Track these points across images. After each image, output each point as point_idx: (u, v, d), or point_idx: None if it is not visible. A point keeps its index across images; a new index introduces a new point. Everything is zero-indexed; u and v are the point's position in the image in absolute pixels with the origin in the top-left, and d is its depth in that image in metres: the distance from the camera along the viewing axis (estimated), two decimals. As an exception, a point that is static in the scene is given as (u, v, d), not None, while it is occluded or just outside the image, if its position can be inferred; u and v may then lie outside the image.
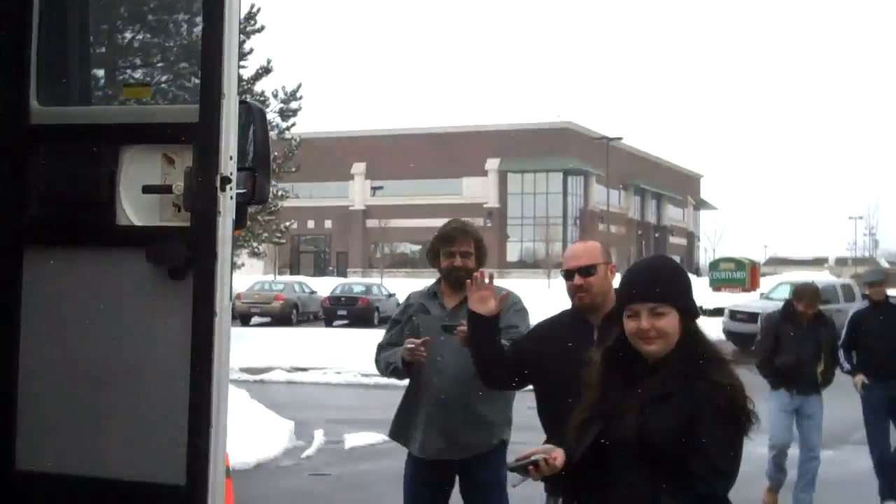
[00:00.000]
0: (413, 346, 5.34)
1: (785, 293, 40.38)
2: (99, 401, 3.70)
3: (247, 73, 30.18)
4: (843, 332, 9.86)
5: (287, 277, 54.19)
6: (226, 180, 3.60)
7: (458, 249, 5.64)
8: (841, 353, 9.70)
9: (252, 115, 3.96)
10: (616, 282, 4.14)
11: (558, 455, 3.54)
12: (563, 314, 4.77)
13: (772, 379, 9.34)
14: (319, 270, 78.27)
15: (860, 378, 9.68)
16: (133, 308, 3.70)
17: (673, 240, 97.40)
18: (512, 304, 5.46)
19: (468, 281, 4.71)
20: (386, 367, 5.64)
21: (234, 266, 4.04)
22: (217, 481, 3.58)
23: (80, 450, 3.70)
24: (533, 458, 3.56)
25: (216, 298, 3.59)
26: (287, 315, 39.17)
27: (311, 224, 78.71)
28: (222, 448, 3.62)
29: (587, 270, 4.59)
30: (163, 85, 5.03)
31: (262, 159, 4.05)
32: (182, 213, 3.67)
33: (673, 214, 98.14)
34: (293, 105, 33.36)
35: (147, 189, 3.71)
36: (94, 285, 3.75)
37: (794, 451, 9.47)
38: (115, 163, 3.76)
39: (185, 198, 3.63)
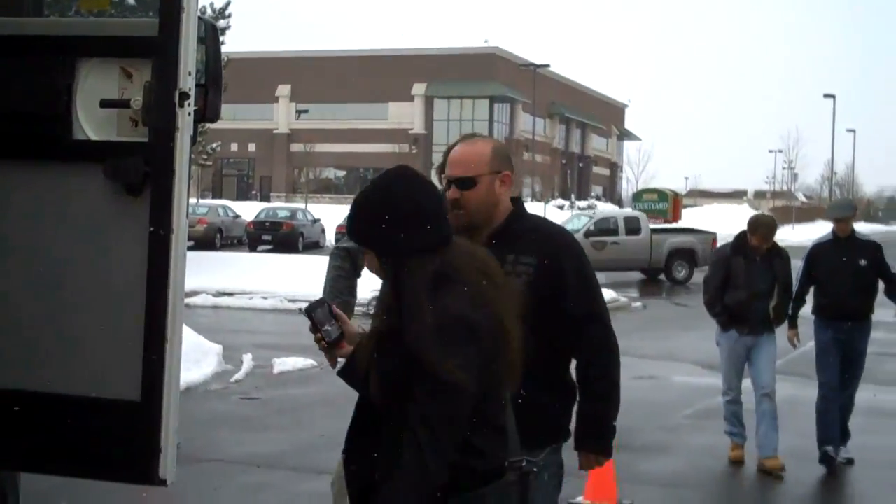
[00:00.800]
0: None
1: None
2: (54, 317, 3.67)
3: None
4: (801, 266, 9.25)
5: (210, 201, 53.67)
6: (184, 96, 3.58)
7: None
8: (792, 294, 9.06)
9: (205, 31, 3.93)
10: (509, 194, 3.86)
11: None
12: None
13: (721, 318, 8.89)
14: (242, 194, 77.60)
15: (794, 335, 9.18)
16: (89, 223, 3.67)
17: (596, 169, 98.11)
18: None
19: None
20: None
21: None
22: (172, 396, 3.60)
23: (35, 366, 3.68)
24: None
25: (173, 215, 3.59)
26: (211, 239, 38.85)
27: (234, 147, 77.88)
28: (177, 364, 3.63)
29: (465, 182, 3.77)
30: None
31: (214, 77, 4.03)
32: (140, 128, 3.64)
33: (597, 144, 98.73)
34: (221, 23, 32.88)
35: (105, 103, 3.66)
36: (50, 200, 3.70)
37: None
38: (72, 76, 3.70)
39: (143, 113, 3.59)
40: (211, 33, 4.02)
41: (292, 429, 9.90)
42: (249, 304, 21.27)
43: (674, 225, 38.73)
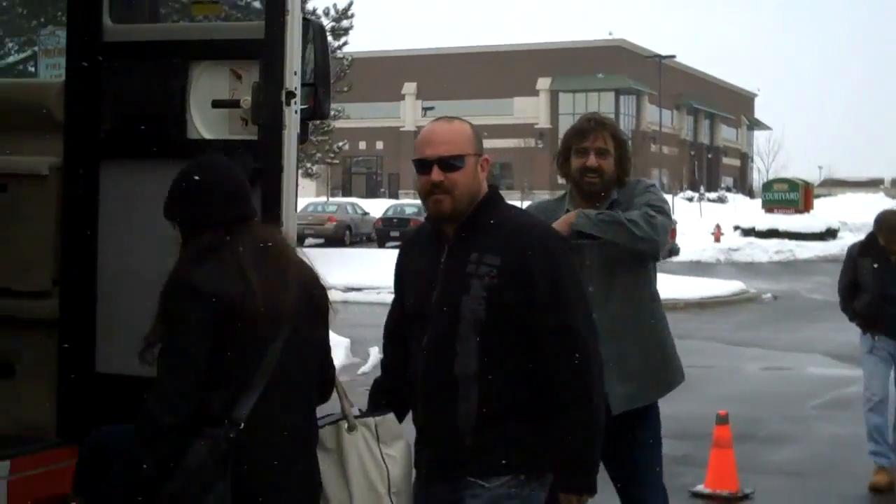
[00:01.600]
0: None
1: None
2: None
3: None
4: None
5: (340, 199, 54.46)
6: (290, 95, 3.74)
7: (593, 145, 4.44)
8: None
9: (312, 31, 4.08)
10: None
11: None
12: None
13: (857, 321, 8.11)
14: (371, 192, 78.54)
15: None
16: None
17: (726, 160, 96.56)
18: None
19: None
20: None
21: None
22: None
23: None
24: None
25: (283, 209, 3.75)
26: (340, 236, 39.47)
27: (362, 145, 78.87)
28: None
29: (450, 163, 3.42)
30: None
31: (323, 75, 4.17)
32: (249, 126, 3.81)
33: (726, 135, 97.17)
34: (344, 24, 33.29)
35: (216, 103, 3.84)
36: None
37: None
38: (186, 78, 3.89)
39: (252, 112, 3.76)
40: (318, 34, 4.17)
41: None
42: (377, 299, 21.56)
43: None
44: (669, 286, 22.90)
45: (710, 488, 7.56)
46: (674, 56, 69.41)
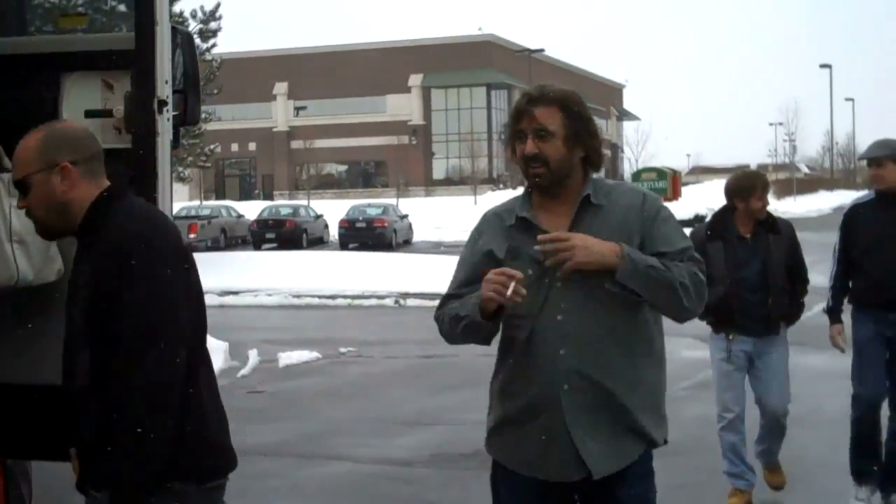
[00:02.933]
0: (496, 279, 3.19)
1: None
2: (49, 317, 3.92)
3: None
4: (837, 239, 6.96)
5: (213, 202, 53.92)
6: (162, 103, 3.83)
7: (529, 127, 3.43)
8: (831, 275, 6.90)
9: (180, 39, 4.17)
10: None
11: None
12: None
13: (708, 318, 6.60)
14: (245, 194, 77.89)
15: (837, 330, 6.76)
16: None
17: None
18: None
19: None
20: (453, 326, 3.44)
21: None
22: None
23: (28, 360, 3.93)
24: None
25: (158, 216, 3.83)
26: (215, 239, 39.12)
27: (234, 147, 78.14)
28: None
29: (21, 187, 3.13)
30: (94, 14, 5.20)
31: (192, 82, 4.28)
32: (123, 135, 3.89)
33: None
34: (212, 25, 33.07)
35: (89, 113, 3.91)
36: None
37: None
38: (58, 89, 3.95)
39: (125, 121, 3.84)
40: (187, 41, 4.27)
41: (297, 419, 10.16)
42: (255, 302, 21.55)
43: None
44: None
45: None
46: (543, 50, 70.31)
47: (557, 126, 3.39)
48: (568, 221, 3.37)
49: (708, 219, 7.05)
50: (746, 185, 6.61)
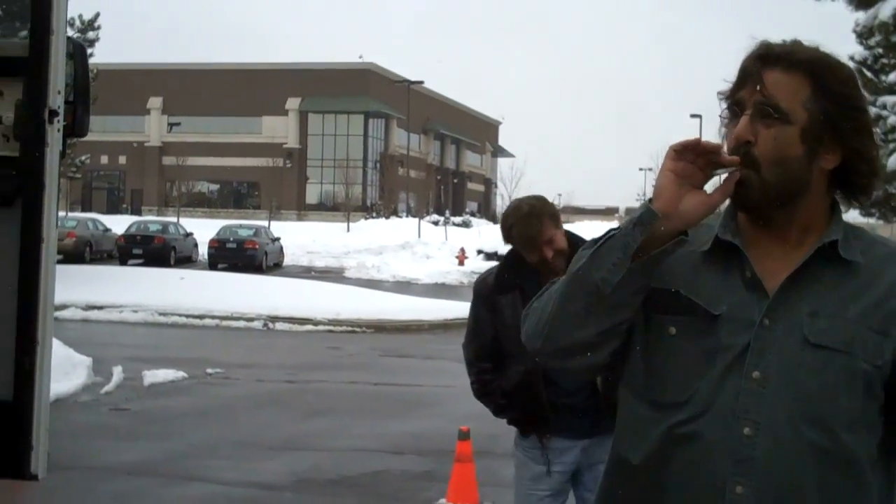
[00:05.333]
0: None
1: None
2: None
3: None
4: None
5: (79, 214, 52.69)
6: (53, 113, 3.79)
7: (751, 98, 1.98)
8: None
9: (74, 49, 4.13)
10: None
11: None
12: None
13: (509, 415, 4.49)
14: (113, 208, 76.41)
15: None
16: None
17: (471, 185, 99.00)
18: None
19: None
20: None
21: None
22: (42, 397, 3.79)
23: None
24: None
25: (43, 225, 3.79)
26: (80, 253, 38.18)
27: (104, 159, 76.68)
28: (47, 367, 3.82)
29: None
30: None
31: (83, 94, 4.23)
32: (11, 142, 3.83)
33: (471, 160, 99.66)
34: (90, 35, 32.59)
35: None
36: None
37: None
38: None
39: (14, 128, 3.79)
40: (79, 52, 4.22)
41: (162, 438, 10.01)
42: (119, 318, 21.16)
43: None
44: (414, 308, 23.43)
45: (452, 502, 7.85)
46: (422, 82, 70.78)
47: (796, 104, 2.01)
48: (789, 270, 2.01)
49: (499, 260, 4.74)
50: (529, 235, 4.25)
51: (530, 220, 4.25)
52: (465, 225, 63.92)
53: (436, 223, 58.94)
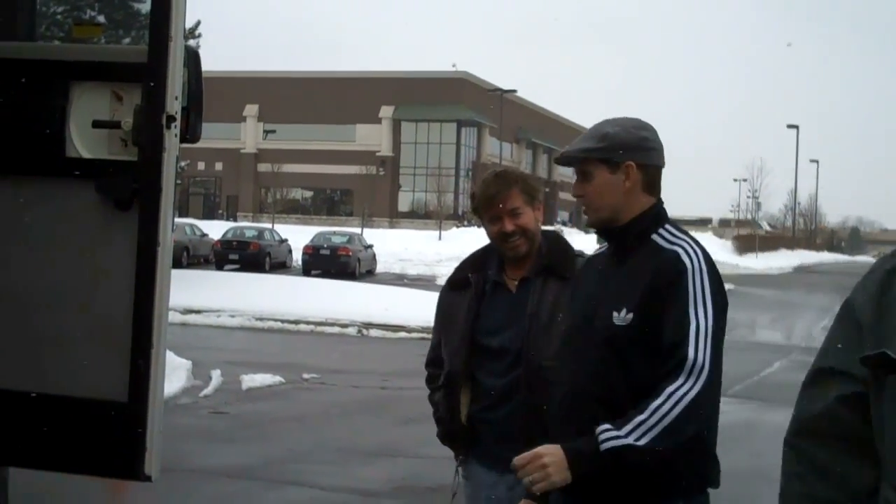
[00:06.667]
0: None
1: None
2: (50, 322, 3.91)
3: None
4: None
5: (177, 219, 53.65)
6: (171, 118, 3.84)
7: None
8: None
9: (188, 56, 4.18)
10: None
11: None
12: None
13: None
14: (209, 213, 77.55)
15: None
16: (82, 235, 3.91)
17: (562, 195, 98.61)
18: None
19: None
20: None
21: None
22: (156, 399, 3.84)
23: (30, 368, 3.92)
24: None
25: (160, 229, 3.83)
26: (178, 257, 38.83)
27: (201, 166, 77.84)
28: (162, 369, 3.87)
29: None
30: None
31: (196, 100, 4.28)
32: (129, 147, 3.88)
33: (563, 170, 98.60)
34: (192, 42, 33.07)
35: (97, 123, 3.90)
36: (44, 213, 3.94)
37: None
38: (66, 98, 3.94)
39: (133, 133, 3.84)
40: (193, 59, 4.27)
41: (261, 442, 10.11)
42: (217, 322, 21.45)
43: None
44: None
45: None
46: (515, 91, 70.74)
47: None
48: None
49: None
50: (489, 195, 3.87)
51: (496, 181, 3.90)
52: (558, 234, 63.61)
53: (527, 232, 58.71)
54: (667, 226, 3.23)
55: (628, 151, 3.21)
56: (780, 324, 26.91)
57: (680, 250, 3.12)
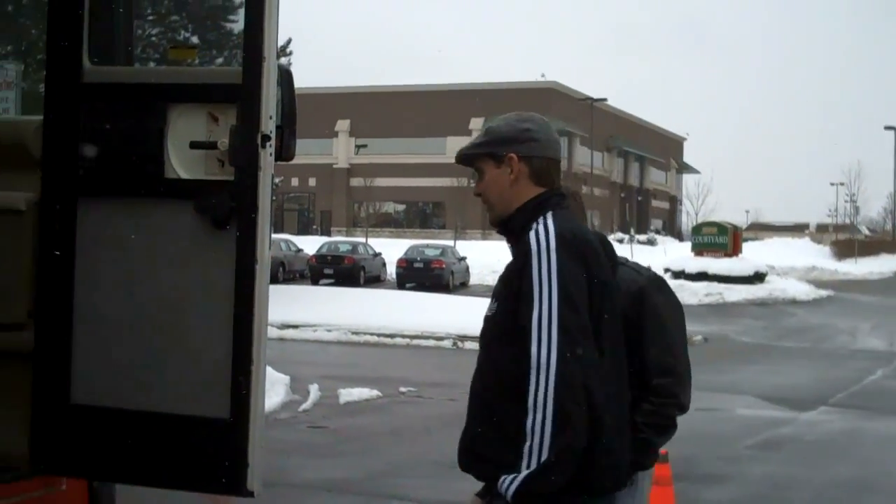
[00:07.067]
0: None
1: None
2: (150, 340, 3.97)
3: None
4: None
5: (273, 235, 54.26)
6: (266, 138, 3.88)
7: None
8: None
9: (281, 76, 4.22)
10: None
11: None
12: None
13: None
14: (303, 228, 78.38)
15: None
16: (181, 254, 3.97)
17: (656, 203, 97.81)
18: None
19: None
20: None
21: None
22: (258, 415, 3.87)
23: (132, 386, 3.98)
24: None
25: (257, 247, 3.87)
26: (273, 273, 39.30)
27: (294, 182, 78.75)
28: (262, 386, 3.90)
29: None
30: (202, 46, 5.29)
31: (290, 118, 4.32)
32: (226, 167, 3.93)
33: (656, 178, 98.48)
34: (283, 60, 33.47)
35: (194, 144, 3.96)
36: (144, 234, 4.01)
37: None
38: (163, 120, 4.01)
39: (230, 154, 3.89)
40: (286, 78, 4.32)
41: (361, 456, 10.15)
42: (314, 336, 21.64)
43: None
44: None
45: (651, 525, 7.72)
46: (605, 99, 70.43)
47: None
48: None
49: None
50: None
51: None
52: (651, 243, 63.23)
53: (620, 241, 58.44)
54: (550, 213, 3.11)
55: (508, 143, 3.22)
56: (882, 330, 26.34)
57: (532, 231, 3.05)
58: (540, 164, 3.20)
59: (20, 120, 5.62)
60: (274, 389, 13.15)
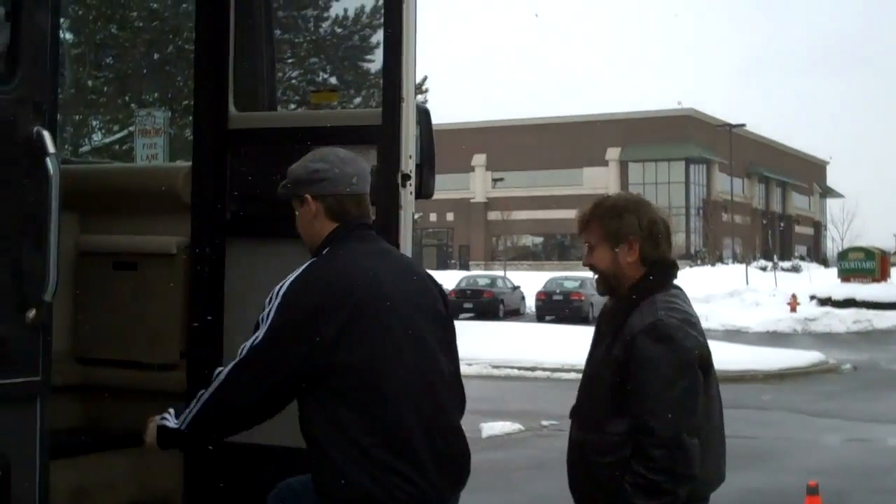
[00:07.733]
0: None
1: None
2: None
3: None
4: None
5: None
6: (406, 177, 3.95)
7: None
8: None
9: (419, 115, 4.29)
10: None
11: None
12: None
13: None
14: (442, 263, 78.89)
15: None
16: None
17: (799, 229, 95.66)
18: None
19: None
20: None
21: None
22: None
23: (279, 422, 4.06)
24: None
25: (400, 284, 3.92)
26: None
27: (433, 217, 79.41)
28: None
29: None
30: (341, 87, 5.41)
31: (428, 157, 4.39)
32: None
33: (798, 203, 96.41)
34: (419, 98, 33.82)
35: None
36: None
37: None
38: None
39: (371, 193, 3.97)
40: (424, 117, 4.38)
41: (505, 491, 10.14)
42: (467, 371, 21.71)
43: None
44: (747, 357, 22.77)
45: (805, 558, 7.54)
46: (743, 125, 69.28)
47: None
48: None
49: None
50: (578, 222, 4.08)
51: (585, 209, 3.99)
52: (795, 270, 61.73)
53: (763, 269, 57.30)
54: (328, 248, 3.44)
55: (302, 185, 3.46)
56: None
57: None
58: (333, 202, 3.42)
59: (170, 167, 5.83)
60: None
